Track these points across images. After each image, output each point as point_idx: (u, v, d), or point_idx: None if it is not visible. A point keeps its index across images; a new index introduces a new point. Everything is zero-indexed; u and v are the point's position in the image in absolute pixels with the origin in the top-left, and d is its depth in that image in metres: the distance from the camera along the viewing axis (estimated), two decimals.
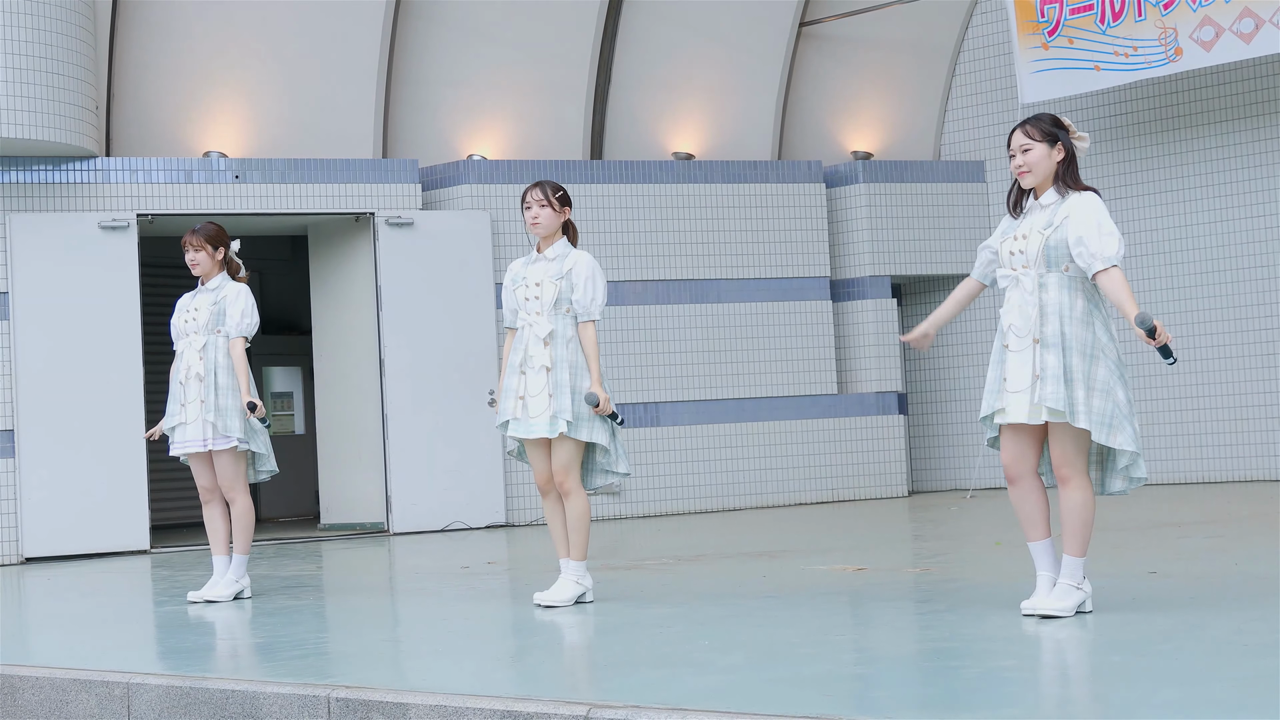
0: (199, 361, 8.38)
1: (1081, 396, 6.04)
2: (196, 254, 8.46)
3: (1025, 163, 6.23)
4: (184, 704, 5.62)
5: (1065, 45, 14.25)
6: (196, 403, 8.36)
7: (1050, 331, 6.08)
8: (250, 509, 8.47)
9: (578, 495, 7.33)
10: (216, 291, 8.48)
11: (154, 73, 13.64)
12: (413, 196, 13.70)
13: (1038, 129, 6.24)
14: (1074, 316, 6.10)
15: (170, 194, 13.04)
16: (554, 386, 7.25)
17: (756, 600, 7.34)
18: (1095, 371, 6.06)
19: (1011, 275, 6.23)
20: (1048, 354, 6.07)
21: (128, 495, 12.55)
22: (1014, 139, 6.28)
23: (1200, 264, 14.67)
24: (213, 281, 8.51)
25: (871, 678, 5.15)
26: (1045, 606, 6.14)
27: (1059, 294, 6.11)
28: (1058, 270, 6.13)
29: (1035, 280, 6.14)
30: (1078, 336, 6.08)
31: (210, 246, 8.47)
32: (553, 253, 7.43)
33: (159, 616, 8.22)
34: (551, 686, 5.21)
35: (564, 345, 7.29)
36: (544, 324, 7.32)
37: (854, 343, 15.30)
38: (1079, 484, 6.14)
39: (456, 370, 13.57)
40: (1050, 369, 6.05)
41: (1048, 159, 6.22)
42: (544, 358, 7.29)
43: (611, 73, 15.15)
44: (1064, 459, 6.13)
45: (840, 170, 15.46)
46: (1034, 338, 6.11)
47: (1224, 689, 4.60)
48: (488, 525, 13.57)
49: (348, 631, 7.18)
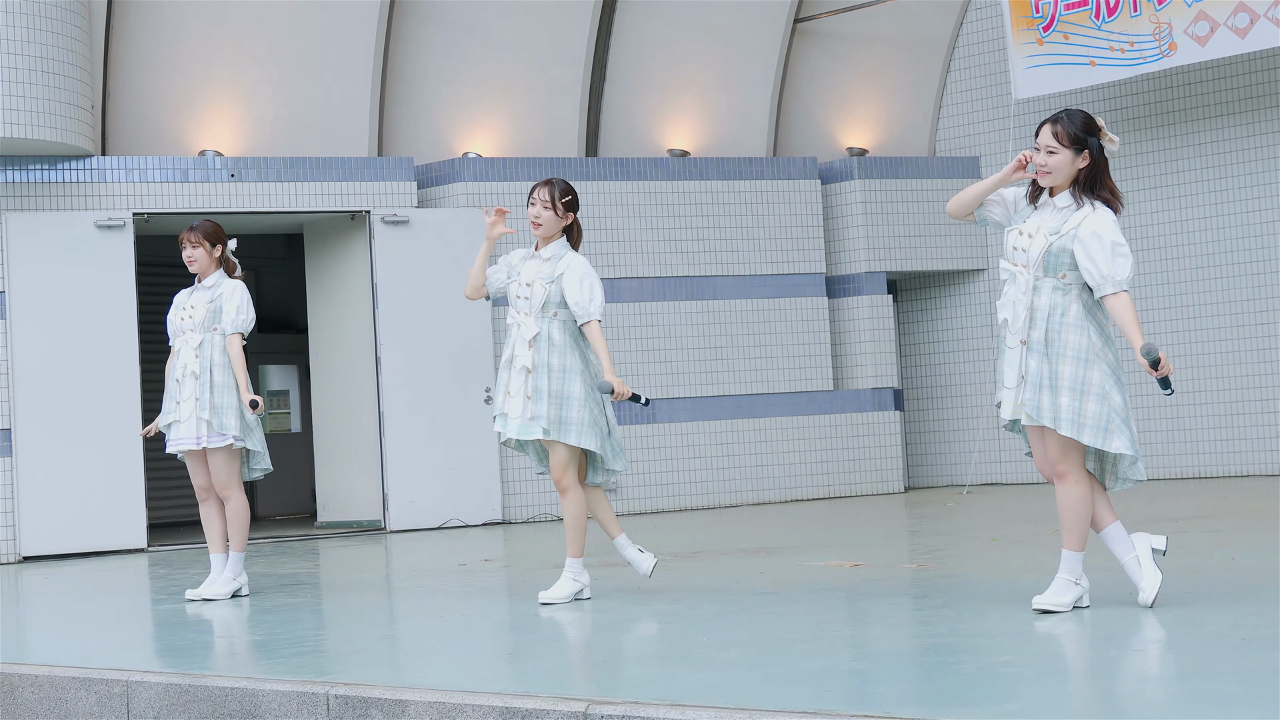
0: (195, 359, 8.38)
1: (1067, 403, 6.01)
2: (194, 250, 8.46)
3: (1048, 164, 6.13)
4: (183, 702, 5.62)
5: (1060, 40, 14.25)
6: (191, 400, 8.36)
7: (1037, 337, 6.08)
8: (245, 507, 8.46)
9: (573, 493, 7.36)
10: (213, 289, 8.48)
11: (149, 71, 13.63)
12: (408, 194, 13.70)
13: (1067, 133, 6.10)
14: (1066, 322, 6.07)
15: (166, 193, 13.04)
16: (532, 390, 7.27)
17: (754, 596, 7.34)
18: (1090, 376, 6.03)
19: (1011, 271, 6.22)
20: (1031, 359, 6.08)
21: (125, 493, 12.55)
22: (1042, 134, 6.15)
23: (1196, 259, 14.68)
24: (209, 279, 8.51)
25: (869, 673, 5.15)
26: (1044, 602, 6.15)
27: (1051, 299, 6.09)
28: (1054, 276, 6.10)
29: (1030, 282, 6.12)
30: (1069, 342, 6.05)
31: (208, 244, 8.47)
32: (548, 253, 7.43)
33: (157, 614, 8.23)
34: (549, 683, 5.21)
35: (547, 350, 7.30)
36: (530, 326, 7.35)
37: (850, 339, 15.30)
38: (1075, 479, 6.14)
39: (453, 368, 13.57)
40: (1032, 374, 6.06)
41: (1070, 165, 6.12)
42: (526, 359, 7.32)
43: (606, 70, 15.15)
44: (1058, 455, 6.14)
45: (835, 166, 15.46)
46: (1021, 339, 6.12)
47: (1222, 684, 4.60)
48: (484, 523, 13.57)
49: (346, 629, 7.18)
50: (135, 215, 12.89)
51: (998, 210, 6.35)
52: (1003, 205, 6.35)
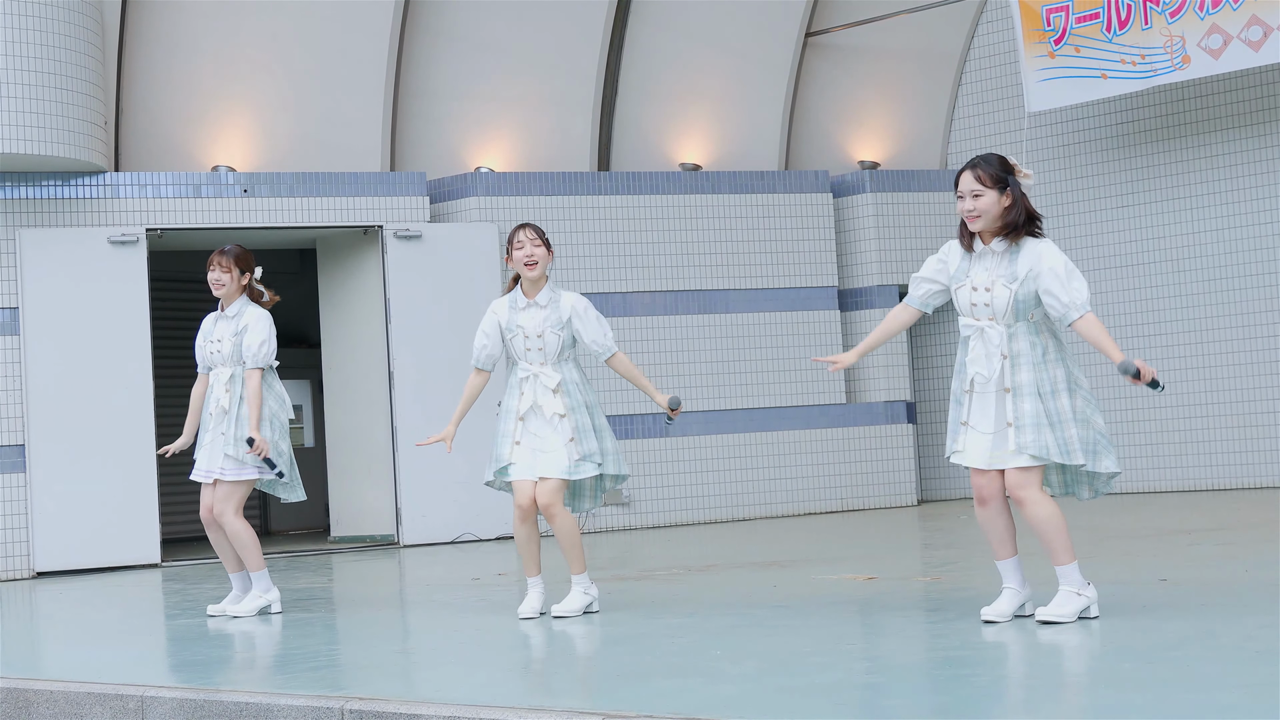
0: (225, 395, 8.35)
1: (1076, 434, 6.16)
2: (222, 275, 8.38)
3: (976, 208, 6.28)
4: (198, 716, 5.64)
5: (1072, 54, 14.27)
6: (218, 434, 8.35)
7: (1024, 380, 6.19)
8: (240, 530, 8.36)
9: (564, 516, 7.43)
10: (236, 319, 8.40)
11: (162, 87, 13.69)
12: (421, 209, 13.74)
13: (988, 175, 6.27)
14: (1046, 360, 6.22)
15: (179, 208, 13.08)
16: (576, 431, 7.35)
17: (767, 610, 7.35)
18: (1074, 404, 6.21)
19: (976, 326, 6.31)
20: (1023, 402, 6.18)
21: (138, 509, 12.58)
22: (963, 181, 6.32)
23: (1207, 271, 14.68)
24: (232, 308, 8.43)
25: (883, 686, 5.16)
26: (1047, 614, 6.22)
27: (1029, 341, 6.22)
28: (1025, 320, 6.24)
29: (1004, 333, 6.24)
30: (1052, 378, 6.20)
31: (237, 269, 8.40)
32: (544, 299, 7.49)
33: (171, 629, 8.25)
34: (564, 697, 5.23)
35: (577, 391, 7.42)
36: (551, 375, 7.41)
37: None
38: (1037, 499, 6.23)
39: (465, 382, 13.57)
40: (1028, 416, 6.16)
41: (997, 205, 6.28)
42: (557, 406, 7.37)
43: (618, 84, 15.19)
44: (1018, 483, 6.22)
45: (847, 180, 15.49)
46: (1005, 387, 6.21)
47: (1234, 695, 4.61)
48: (498, 537, 13.59)
49: (360, 643, 7.21)
50: (148, 231, 12.94)
51: (937, 284, 6.47)
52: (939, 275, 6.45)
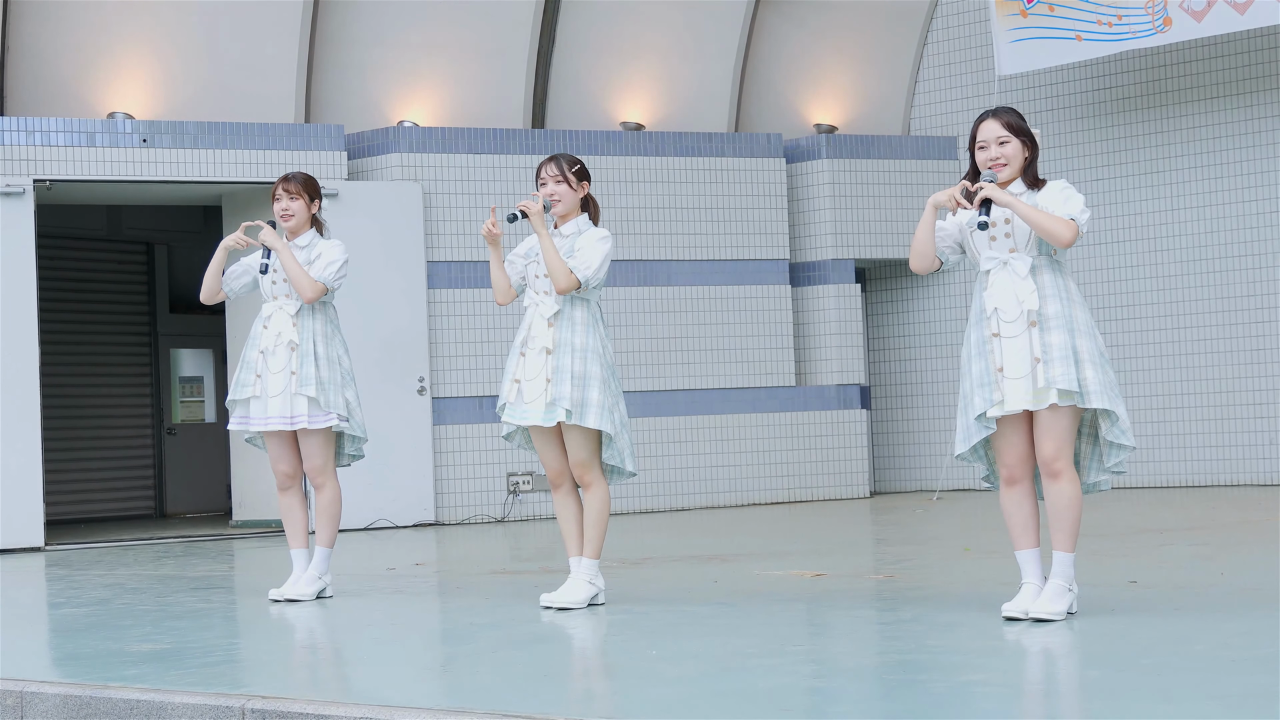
0: (292, 328, 8.06)
1: (1091, 375, 6.29)
2: (292, 203, 8.13)
3: (1003, 155, 6.49)
4: (83, 714, 5.60)
5: (1045, 13, 14.33)
6: (285, 374, 8.03)
7: (1053, 312, 6.34)
8: (339, 496, 8.21)
9: (599, 487, 7.36)
10: (309, 249, 8.14)
11: (54, 24, 13.53)
12: (338, 165, 13.65)
13: (1014, 124, 6.51)
14: (1072, 300, 6.40)
15: (71, 158, 12.94)
16: (553, 371, 7.30)
17: (708, 607, 7.36)
18: (1095, 346, 6.37)
19: (999, 259, 6.44)
20: (1051, 335, 6.32)
21: (20, 487, 12.45)
22: (987, 128, 6.52)
23: (1188, 250, 14.79)
24: (303, 238, 8.17)
25: (831, 691, 5.18)
26: (1040, 610, 6.28)
27: (1054, 276, 6.41)
28: (1048, 255, 6.43)
29: (1029, 264, 6.40)
30: (1078, 317, 6.38)
31: (306, 196, 8.17)
32: (568, 229, 7.52)
33: (55, 619, 8.18)
34: (485, 697, 5.21)
35: (569, 328, 7.35)
36: (550, 304, 7.40)
37: (814, 331, 15.35)
38: (1071, 476, 6.36)
39: (382, 355, 13.54)
40: (1056, 349, 6.30)
41: (1021, 153, 6.51)
42: (546, 339, 7.36)
43: (555, 34, 15.13)
44: (1057, 451, 6.32)
45: (802, 144, 15.50)
46: (1030, 320, 6.33)
47: (1209, 706, 4.64)
48: (415, 524, 13.56)
49: (263, 637, 7.17)
50: (36, 182, 12.79)
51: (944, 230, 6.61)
52: (949, 224, 6.62)
